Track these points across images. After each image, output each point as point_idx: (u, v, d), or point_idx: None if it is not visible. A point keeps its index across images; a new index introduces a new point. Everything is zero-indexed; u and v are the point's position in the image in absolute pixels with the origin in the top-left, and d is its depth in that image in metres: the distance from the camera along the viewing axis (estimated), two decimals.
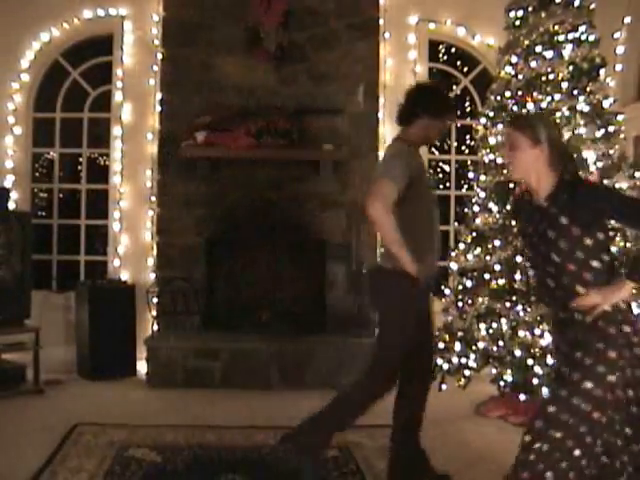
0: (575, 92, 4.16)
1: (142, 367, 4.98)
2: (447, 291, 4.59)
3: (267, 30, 5.14)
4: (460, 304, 4.39)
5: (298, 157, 5.15)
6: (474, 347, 4.20)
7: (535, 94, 4.24)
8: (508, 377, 4.02)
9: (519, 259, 4.09)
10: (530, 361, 3.87)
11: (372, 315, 5.28)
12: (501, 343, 4.07)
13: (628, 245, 4.05)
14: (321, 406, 2.96)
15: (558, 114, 4.16)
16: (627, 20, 5.28)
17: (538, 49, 4.25)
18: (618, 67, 5.22)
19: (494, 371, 4.14)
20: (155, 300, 5.23)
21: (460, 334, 4.30)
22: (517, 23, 4.46)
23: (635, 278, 2.18)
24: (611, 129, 4.17)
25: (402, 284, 2.85)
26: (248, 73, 5.25)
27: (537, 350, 3.89)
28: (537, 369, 3.84)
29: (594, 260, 2.23)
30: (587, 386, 2.12)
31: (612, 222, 2.74)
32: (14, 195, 5.40)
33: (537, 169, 2.33)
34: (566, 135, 4.17)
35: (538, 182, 2.34)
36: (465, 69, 6.04)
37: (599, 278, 2.23)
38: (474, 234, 4.44)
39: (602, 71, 4.24)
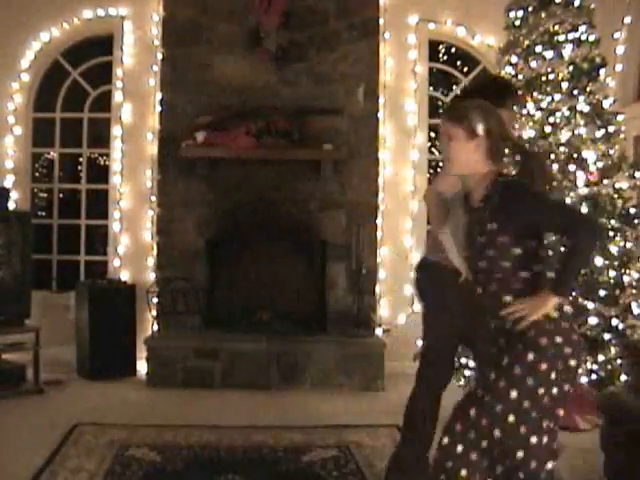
0: (575, 92, 4.17)
1: (142, 367, 4.97)
2: None
3: (267, 30, 5.14)
4: None
5: (298, 157, 5.14)
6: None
7: (535, 94, 4.25)
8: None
9: None
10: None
11: (373, 315, 5.30)
12: None
13: (628, 245, 4.06)
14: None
15: (558, 114, 4.17)
16: (627, 20, 5.28)
17: (538, 49, 4.26)
18: (618, 67, 5.22)
19: None
20: (155, 300, 5.23)
21: None
22: (517, 23, 4.46)
23: (560, 292, 2.07)
24: (611, 129, 4.17)
25: None
26: (248, 73, 5.25)
27: None
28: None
29: (523, 271, 2.10)
30: (512, 395, 2.04)
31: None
32: (14, 195, 5.40)
33: (475, 163, 2.18)
34: (566, 135, 4.18)
35: (475, 177, 2.20)
36: (465, 69, 6.04)
37: (529, 288, 2.10)
38: None
39: (602, 71, 4.25)
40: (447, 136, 2.21)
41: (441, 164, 7.03)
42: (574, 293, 4.00)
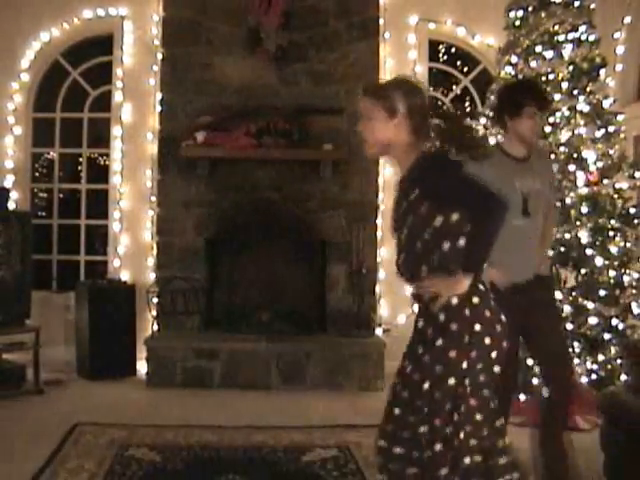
0: (575, 92, 4.17)
1: (142, 367, 4.97)
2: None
3: (267, 30, 5.14)
4: None
5: (298, 157, 5.15)
6: None
7: None
8: None
9: None
10: (530, 361, 3.87)
11: (373, 315, 5.29)
12: None
13: (628, 245, 4.06)
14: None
15: (558, 114, 4.17)
16: (627, 20, 5.28)
17: (538, 49, 4.26)
18: (618, 67, 5.22)
19: None
20: (155, 300, 5.23)
21: None
22: (517, 23, 4.46)
23: (468, 270, 1.97)
24: (611, 129, 4.17)
25: None
26: (248, 73, 5.24)
27: None
28: (537, 369, 3.84)
29: (444, 241, 1.99)
30: (425, 387, 1.97)
31: None
32: (14, 195, 5.40)
33: (399, 142, 2.09)
34: (566, 135, 4.18)
35: (401, 156, 2.11)
36: (465, 69, 6.04)
37: (448, 261, 2.00)
38: None
39: (602, 71, 4.25)
40: (367, 116, 2.12)
41: None
42: (574, 293, 4.01)
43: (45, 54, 5.57)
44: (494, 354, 2.00)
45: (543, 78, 4.23)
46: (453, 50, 6.11)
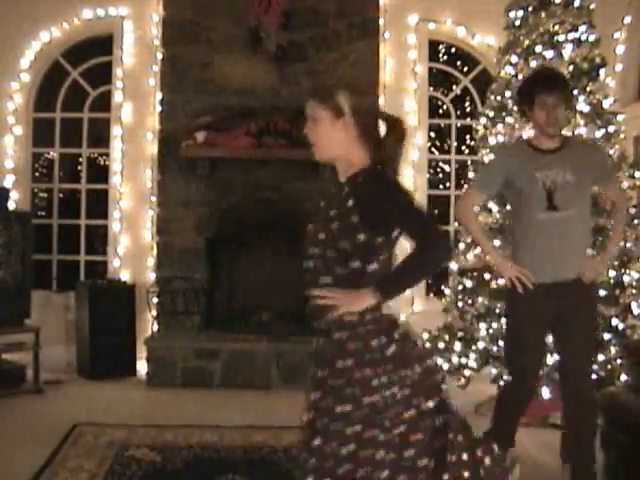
0: (575, 92, 4.17)
1: (142, 367, 4.97)
2: (447, 291, 4.59)
3: (267, 30, 5.14)
4: (460, 304, 4.39)
5: (298, 157, 5.14)
6: (474, 347, 4.20)
7: None
8: (508, 377, 4.01)
9: None
10: None
11: None
12: (501, 343, 4.07)
13: (628, 245, 4.06)
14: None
15: None
16: (627, 20, 5.28)
17: (538, 49, 4.25)
18: (618, 67, 5.22)
19: (494, 371, 4.14)
20: (155, 300, 5.23)
21: (460, 334, 4.30)
22: (517, 23, 4.46)
23: (380, 290, 1.87)
24: (611, 129, 4.17)
25: None
26: (248, 73, 5.24)
27: None
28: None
29: (357, 260, 1.92)
30: (338, 410, 1.89)
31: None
32: (14, 195, 5.40)
33: (345, 145, 2.05)
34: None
35: (346, 160, 2.06)
36: (465, 69, 6.05)
37: (350, 281, 1.94)
38: None
39: (602, 71, 4.24)
40: (313, 118, 2.08)
41: (441, 164, 7.05)
42: None
43: (45, 54, 5.57)
44: (405, 372, 1.89)
45: None
46: (453, 50, 6.12)
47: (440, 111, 6.22)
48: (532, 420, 3.92)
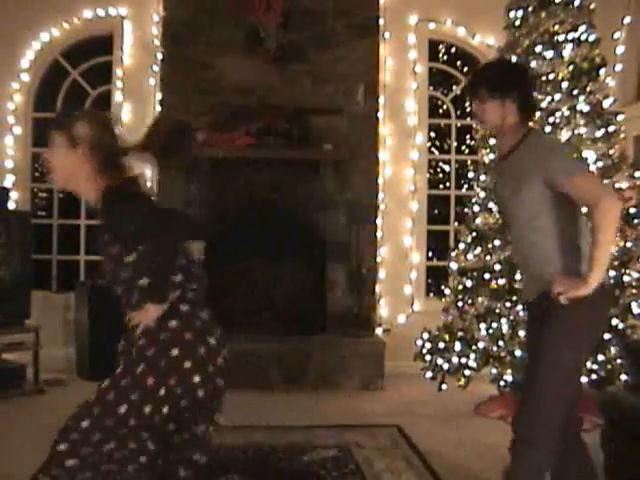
0: (575, 92, 4.17)
1: None
2: (447, 291, 4.59)
3: (267, 30, 5.14)
4: (460, 304, 4.39)
5: (298, 157, 5.14)
6: (474, 347, 4.20)
7: (535, 94, 4.25)
8: (508, 377, 4.02)
9: None
10: None
11: (373, 315, 5.30)
12: (501, 343, 4.07)
13: (628, 245, 4.06)
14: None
15: (558, 114, 4.17)
16: (627, 20, 5.29)
17: (538, 49, 4.25)
18: (618, 67, 5.22)
19: (494, 371, 4.14)
20: None
21: (460, 334, 4.30)
22: (517, 23, 4.46)
23: (155, 300, 1.97)
24: (611, 129, 4.17)
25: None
26: (248, 73, 5.24)
27: None
28: None
29: (141, 278, 1.98)
30: (121, 410, 1.93)
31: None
32: (14, 195, 5.40)
33: (81, 174, 2.03)
34: (566, 135, 4.18)
35: (86, 189, 2.05)
36: (465, 69, 6.04)
37: (140, 296, 2.00)
38: (474, 234, 4.44)
39: (602, 71, 4.24)
40: (51, 144, 2.05)
41: (441, 164, 7.05)
42: None
43: (45, 54, 5.57)
44: (197, 378, 2.01)
45: (543, 78, 4.23)
46: (453, 50, 6.12)
47: (440, 111, 6.22)
48: None
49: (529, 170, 2.31)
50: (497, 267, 4.20)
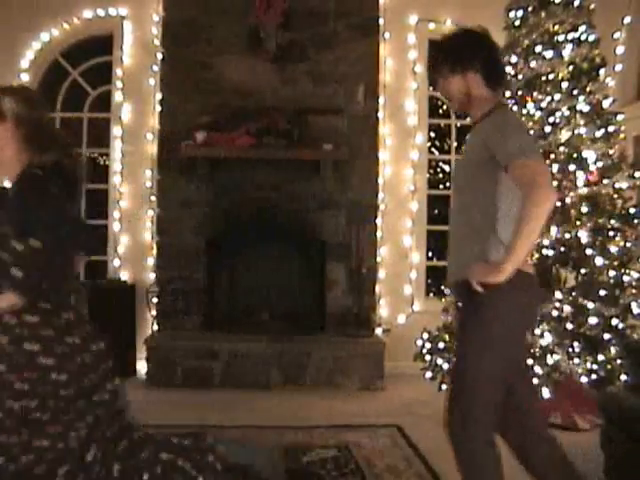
0: (575, 92, 4.17)
1: (142, 367, 4.98)
2: (447, 291, 4.59)
3: (267, 30, 5.14)
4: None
5: (298, 157, 5.14)
6: None
7: (535, 94, 4.25)
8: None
9: None
10: (530, 361, 3.87)
11: (373, 315, 5.30)
12: None
13: (628, 245, 4.06)
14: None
15: (558, 114, 4.17)
16: (627, 20, 5.28)
17: (538, 49, 4.26)
18: (618, 67, 5.22)
19: None
20: (155, 300, 5.23)
21: None
22: (517, 23, 4.46)
23: (19, 291, 1.91)
24: (611, 129, 4.17)
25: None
26: (248, 73, 5.25)
27: (537, 350, 3.89)
28: (537, 369, 3.84)
29: (16, 268, 1.89)
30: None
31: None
32: None
33: (8, 150, 2.02)
34: (566, 135, 4.18)
35: (9, 167, 2.02)
36: None
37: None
38: None
39: (602, 71, 4.25)
40: None
41: (441, 164, 7.05)
42: (574, 293, 4.00)
43: (45, 54, 5.57)
44: (54, 375, 1.95)
45: (543, 78, 4.23)
46: None
47: (440, 111, 6.22)
48: None
49: (480, 145, 2.23)
50: None
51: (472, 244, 2.26)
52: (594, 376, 3.85)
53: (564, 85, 4.18)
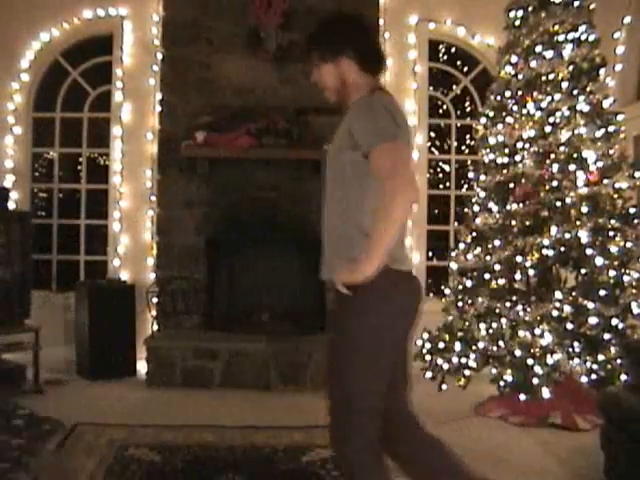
0: (575, 92, 4.17)
1: (142, 367, 4.97)
2: (447, 291, 4.59)
3: (267, 30, 5.14)
4: (460, 304, 4.39)
5: (298, 157, 5.14)
6: (474, 347, 4.20)
7: (535, 94, 4.25)
8: (508, 377, 4.02)
9: (519, 259, 4.09)
10: (530, 361, 3.87)
11: None
12: (501, 343, 4.07)
13: (628, 245, 4.06)
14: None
15: (558, 114, 4.17)
16: (627, 20, 5.29)
17: (538, 49, 4.26)
18: (618, 67, 5.23)
19: (494, 371, 4.14)
20: (155, 300, 5.23)
21: (460, 334, 4.30)
22: (517, 23, 4.47)
23: None
24: (611, 129, 4.18)
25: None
26: (248, 73, 5.25)
27: (537, 350, 3.89)
28: (537, 369, 3.84)
29: None
30: None
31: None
32: (14, 195, 5.40)
33: None
34: (566, 135, 4.18)
35: None
36: (465, 69, 6.04)
37: None
38: (474, 234, 4.45)
39: (602, 71, 4.25)
40: None
41: (441, 164, 7.05)
42: (574, 293, 4.00)
43: (45, 54, 5.58)
44: None
45: (543, 78, 4.23)
46: (453, 50, 6.11)
47: (440, 111, 6.22)
48: (532, 420, 3.93)
49: (346, 132, 2.11)
50: (497, 267, 4.20)
51: (339, 239, 2.13)
52: (594, 376, 3.85)
53: (564, 85, 4.18)
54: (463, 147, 6.45)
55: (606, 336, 3.90)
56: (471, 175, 4.72)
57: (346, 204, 2.10)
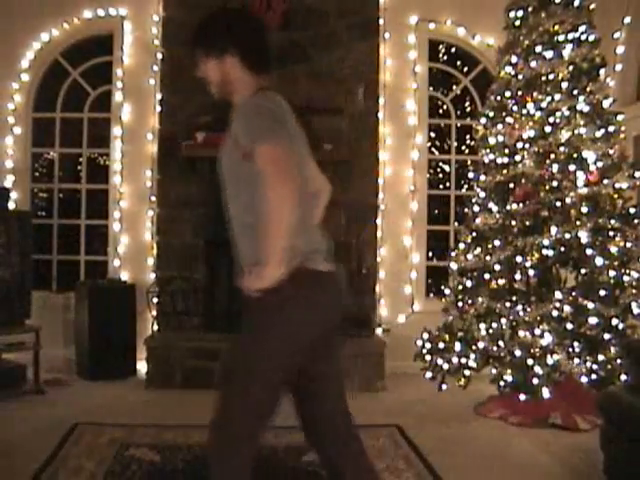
0: (575, 92, 4.17)
1: (142, 367, 4.98)
2: (447, 291, 4.59)
3: (267, 30, 5.13)
4: (460, 304, 4.39)
5: None
6: (474, 347, 4.20)
7: (535, 94, 4.26)
8: (508, 377, 4.02)
9: (519, 259, 4.09)
10: (530, 361, 3.88)
11: (373, 315, 5.29)
12: (501, 343, 4.08)
13: (628, 245, 4.06)
14: None
15: (558, 114, 4.17)
16: (627, 20, 5.28)
17: (538, 49, 4.26)
18: (618, 67, 5.22)
19: (494, 371, 4.15)
20: (155, 300, 5.23)
21: (460, 334, 4.30)
22: (517, 23, 4.47)
23: None
24: (611, 129, 4.18)
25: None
26: None
27: (537, 350, 3.89)
28: (537, 369, 3.85)
29: None
30: None
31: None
32: (14, 195, 5.40)
33: None
34: (566, 135, 4.18)
35: None
36: (465, 69, 6.04)
37: None
38: (474, 234, 4.45)
39: (602, 71, 4.25)
40: None
41: (441, 164, 7.05)
42: (574, 293, 4.00)
43: (45, 54, 5.58)
44: None
45: (543, 78, 4.23)
46: (453, 50, 6.11)
47: (440, 111, 6.22)
48: (532, 420, 3.93)
49: (232, 133, 2.10)
50: (497, 267, 4.20)
51: (242, 244, 2.14)
52: (594, 376, 3.85)
53: (564, 85, 4.18)
54: (463, 147, 6.45)
55: (606, 336, 3.91)
56: (471, 175, 4.72)
57: (243, 207, 2.09)
